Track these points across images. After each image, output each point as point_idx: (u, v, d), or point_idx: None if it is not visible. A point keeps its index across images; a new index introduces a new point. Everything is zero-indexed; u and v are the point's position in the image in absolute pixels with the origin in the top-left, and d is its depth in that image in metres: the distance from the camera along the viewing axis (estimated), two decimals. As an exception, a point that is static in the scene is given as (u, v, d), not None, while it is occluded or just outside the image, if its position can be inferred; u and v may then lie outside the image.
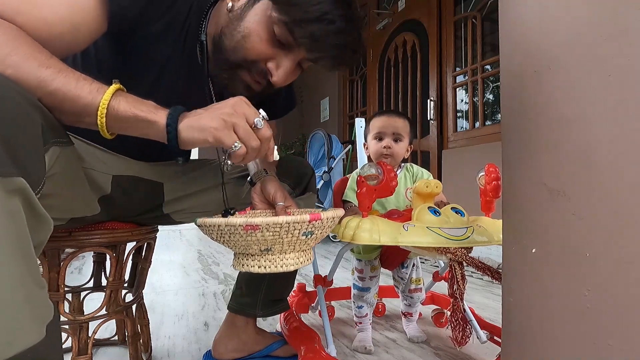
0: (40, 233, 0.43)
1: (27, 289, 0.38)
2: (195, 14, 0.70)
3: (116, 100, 0.51)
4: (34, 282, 0.39)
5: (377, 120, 1.10)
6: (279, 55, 0.65)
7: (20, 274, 0.37)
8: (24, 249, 0.39)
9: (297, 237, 0.56)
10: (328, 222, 0.58)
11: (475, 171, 0.90)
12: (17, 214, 0.38)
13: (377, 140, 1.09)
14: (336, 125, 4.20)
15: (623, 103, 0.39)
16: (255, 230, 0.53)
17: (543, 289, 0.46)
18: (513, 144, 0.52)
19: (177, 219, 0.89)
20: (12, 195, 0.37)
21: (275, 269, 0.58)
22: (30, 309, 0.38)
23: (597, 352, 0.40)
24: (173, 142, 0.53)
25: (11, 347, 0.35)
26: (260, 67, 0.66)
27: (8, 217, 0.37)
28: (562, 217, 0.44)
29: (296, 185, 0.92)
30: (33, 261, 0.40)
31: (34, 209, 0.41)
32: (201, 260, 2.48)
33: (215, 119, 0.52)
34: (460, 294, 0.72)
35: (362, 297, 1.09)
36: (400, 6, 3.27)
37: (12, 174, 0.37)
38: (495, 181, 0.83)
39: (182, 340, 1.12)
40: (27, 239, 0.40)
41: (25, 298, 0.38)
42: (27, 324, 0.38)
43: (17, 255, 0.37)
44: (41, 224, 0.43)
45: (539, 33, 0.48)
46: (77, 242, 0.75)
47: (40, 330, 0.39)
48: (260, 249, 0.56)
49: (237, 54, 0.65)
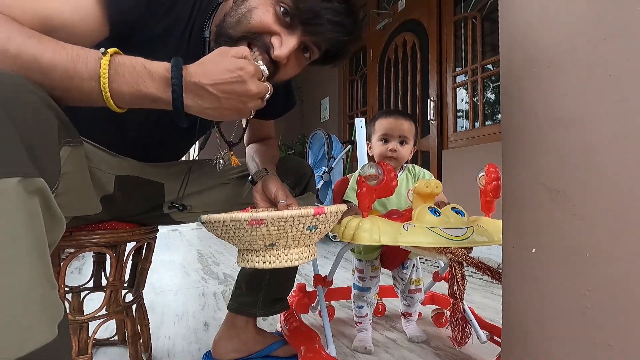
0: (54, 233, 0.44)
1: (42, 289, 0.39)
2: (199, 15, 0.70)
3: (116, 83, 0.50)
4: (48, 282, 0.40)
5: (384, 121, 1.09)
6: (283, 32, 0.65)
7: (37, 273, 0.38)
8: (41, 249, 0.40)
9: (302, 232, 0.56)
10: (332, 216, 0.58)
11: (475, 171, 0.90)
12: (36, 214, 0.39)
13: (383, 142, 1.08)
14: (336, 125, 4.20)
15: (623, 103, 0.39)
16: (260, 225, 0.53)
17: (543, 289, 0.46)
18: (513, 144, 0.52)
19: (177, 219, 0.89)
20: (33, 196, 0.38)
21: (280, 264, 0.58)
22: (44, 308, 0.39)
23: (597, 352, 0.40)
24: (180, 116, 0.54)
25: (26, 345, 0.36)
26: (264, 41, 0.65)
27: (28, 217, 0.38)
28: (562, 217, 0.44)
29: (296, 185, 0.92)
30: (48, 261, 0.41)
31: (51, 208, 0.42)
32: (201, 260, 2.48)
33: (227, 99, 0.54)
34: (460, 294, 0.72)
35: (363, 297, 1.09)
36: (400, 6, 3.27)
37: (33, 174, 0.38)
38: (495, 181, 0.83)
39: (182, 340, 1.12)
40: (44, 238, 0.40)
41: (40, 297, 0.38)
42: (41, 323, 0.38)
43: (35, 255, 0.38)
44: (56, 224, 0.44)
45: (539, 33, 0.48)
46: (77, 242, 0.75)
47: (53, 330, 0.40)
48: (265, 244, 0.56)
49: (240, 26, 0.64)
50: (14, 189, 0.36)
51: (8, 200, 0.36)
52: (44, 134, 0.43)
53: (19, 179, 0.37)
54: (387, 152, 1.07)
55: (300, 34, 0.65)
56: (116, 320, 1.06)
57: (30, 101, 0.41)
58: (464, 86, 2.69)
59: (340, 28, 0.65)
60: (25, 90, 0.42)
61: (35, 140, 0.40)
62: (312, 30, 0.64)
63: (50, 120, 0.45)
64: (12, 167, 0.37)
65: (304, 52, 0.69)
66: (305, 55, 0.69)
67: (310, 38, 0.66)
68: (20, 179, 0.37)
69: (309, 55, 0.70)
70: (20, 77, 0.43)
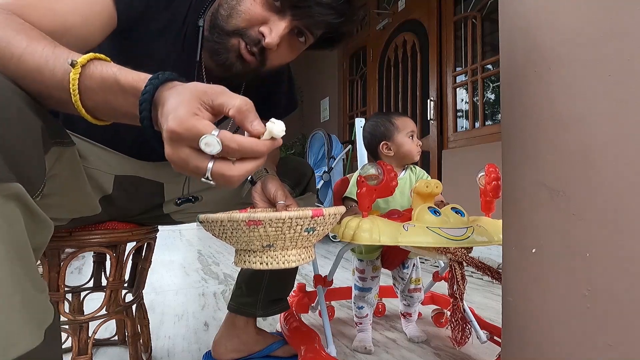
0: (40, 236, 0.43)
1: (24, 293, 0.38)
2: (194, 11, 0.71)
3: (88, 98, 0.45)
4: (32, 285, 0.39)
5: (406, 120, 1.11)
6: (272, 18, 0.65)
7: (16, 277, 0.37)
8: (20, 252, 0.38)
9: (300, 233, 0.56)
10: (330, 218, 0.58)
11: (475, 171, 0.90)
12: (14, 218, 0.38)
13: (411, 138, 1.09)
14: (336, 125, 4.20)
15: (623, 103, 0.39)
16: (257, 226, 0.53)
17: (543, 289, 0.46)
18: (513, 144, 0.52)
19: (177, 219, 0.89)
20: (8, 200, 0.37)
21: (277, 265, 0.58)
22: (27, 313, 0.38)
23: (597, 352, 0.40)
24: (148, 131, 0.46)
25: (7, 352, 0.35)
26: (254, 34, 0.65)
27: (3, 222, 0.36)
28: (562, 217, 0.44)
29: (296, 186, 0.91)
30: (31, 264, 0.40)
31: (33, 212, 0.41)
32: (201, 260, 2.48)
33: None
34: (460, 294, 0.72)
35: (363, 298, 1.09)
36: (400, 6, 3.27)
37: (9, 179, 0.37)
38: (495, 181, 0.83)
39: (182, 340, 1.12)
40: (25, 242, 0.39)
41: (22, 302, 0.37)
42: (24, 329, 0.37)
43: (13, 258, 0.37)
44: (41, 227, 0.43)
45: (539, 33, 0.48)
46: (77, 242, 0.75)
47: (38, 335, 0.39)
48: (262, 244, 0.56)
49: (231, 20, 0.65)
50: None
51: None
52: (25, 138, 0.41)
53: None
54: (418, 148, 1.09)
55: (291, 18, 0.64)
56: (116, 320, 1.07)
57: (11, 105, 0.40)
58: (464, 86, 2.69)
59: (331, 10, 0.64)
60: (7, 90, 0.40)
61: (14, 145, 0.39)
62: (302, 13, 0.64)
63: (34, 122, 0.43)
64: None
65: (299, 37, 0.68)
66: (300, 40, 0.69)
67: (301, 22, 0.65)
68: None
69: (304, 40, 0.69)
70: (2, 77, 0.42)
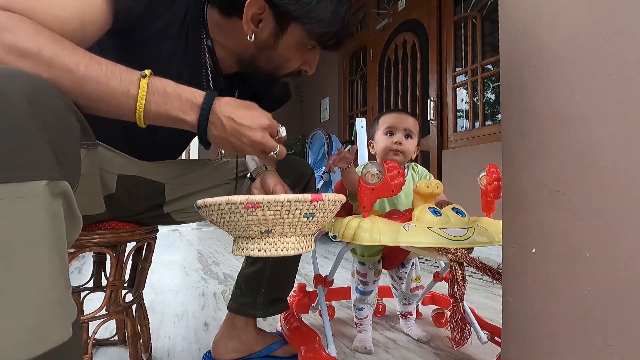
0: (73, 233, 0.45)
1: (60, 289, 0.40)
2: (192, 14, 0.72)
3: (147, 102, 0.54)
4: (65, 282, 0.41)
5: (388, 117, 1.06)
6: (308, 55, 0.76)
7: (57, 274, 0.39)
8: (61, 249, 0.41)
9: (299, 219, 0.55)
10: (329, 204, 0.57)
11: (475, 171, 0.89)
12: (59, 216, 0.40)
13: (388, 135, 1.04)
14: (336, 125, 4.20)
15: (623, 103, 0.39)
16: (256, 209, 0.52)
17: (543, 289, 0.46)
18: (513, 144, 0.52)
19: (178, 219, 0.89)
20: (57, 198, 0.40)
21: (276, 253, 0.57)
22: (61, 308, 0.40)
23: (597, 352, 0.40)
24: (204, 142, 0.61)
25: (43, 344, 0.37)
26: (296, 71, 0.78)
27: (52, 220, 0.39)
28: (562, 217, 0.44)
29: (295, 185, 0.92)
30: (66, 262, 0.42)
31: (72, 210, 0.43)
32: (201, 260, 2.48)
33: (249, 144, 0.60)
34: (461, 295, 0.72)
35: (364, 300, 1.09)
36: (400, 6, 3.27)
37: (59, 177, 0.40)
38: (496, 181, 0.83)
39: (182, 340, 1.12)
40: (64, 240, 0.42)
41: (58, 298, 0.40)
42: (58, 323, 0.39)
43: (55, 256, 0.39)
44: (75, 225, 0.45)
45: (539, 33, 0.48)
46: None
47: (68, 329, 0.41)
48: (260, 230, 0.56)
49: (277, 71, 0.76)
50: (41, 192, 0.38)
51: (34, 203, 0.37)
52: (69, 138, 0.45)
53: (46, 182, 0.38)
54: (392, 145, 1.02)
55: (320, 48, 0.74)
56: (116, 320, 1.06)
57: (56, 105, 0.43)
58: (464, 86, 2.68)
59: (348, 30, 0.73)
60: (52, 95, 0.43)
61: (61, 144, 0.42)
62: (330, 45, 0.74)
63: (73, 123, 0.46)
64: (40, 170, 0.38)
65: None
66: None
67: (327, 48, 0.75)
68: (47, 182, 0.38)
69: None
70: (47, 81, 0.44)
